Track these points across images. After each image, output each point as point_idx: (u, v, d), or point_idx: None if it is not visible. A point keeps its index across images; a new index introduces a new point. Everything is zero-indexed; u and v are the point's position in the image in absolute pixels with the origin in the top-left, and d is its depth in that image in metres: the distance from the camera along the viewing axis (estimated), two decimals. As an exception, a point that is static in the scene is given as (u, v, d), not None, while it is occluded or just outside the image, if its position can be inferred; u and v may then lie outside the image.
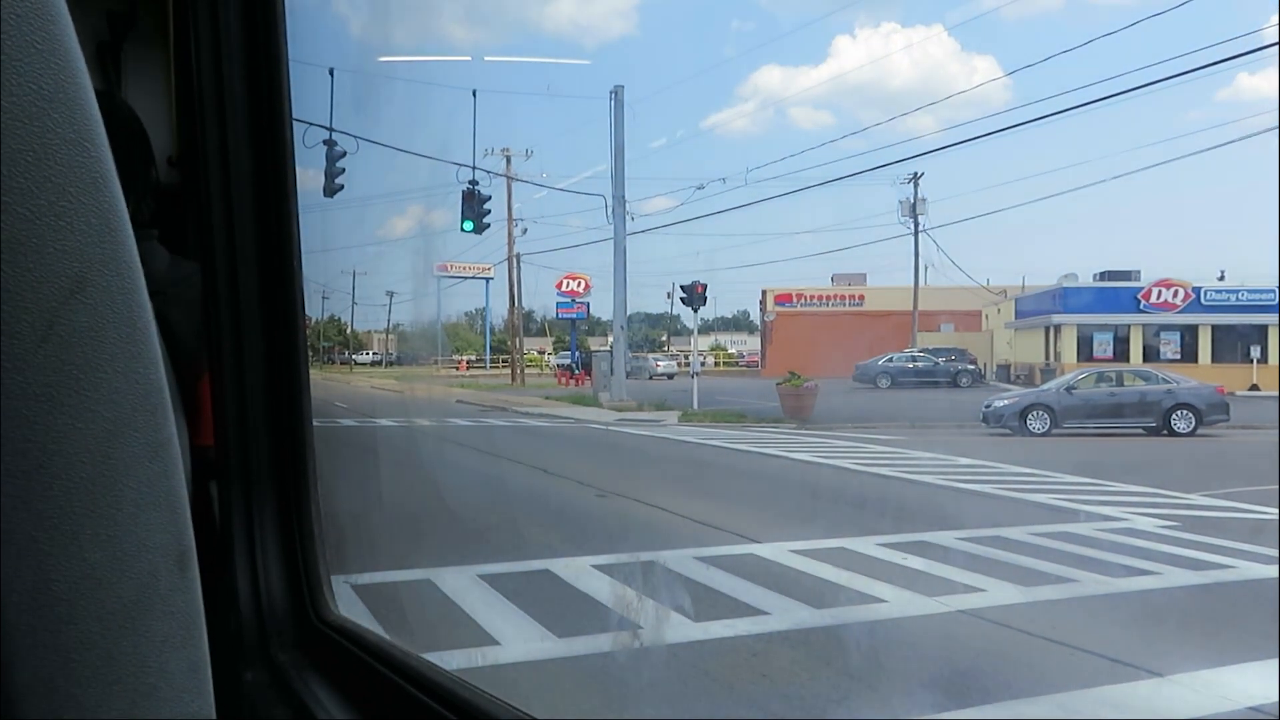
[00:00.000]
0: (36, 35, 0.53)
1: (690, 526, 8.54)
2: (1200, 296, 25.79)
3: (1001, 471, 12.03)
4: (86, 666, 0.57)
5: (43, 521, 0.55)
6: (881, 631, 5.36)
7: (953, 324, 37.54)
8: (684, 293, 23.66)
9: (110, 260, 0.57)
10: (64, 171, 0.54)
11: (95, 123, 0.57)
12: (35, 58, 0.53)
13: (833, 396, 21.64)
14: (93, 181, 0.56)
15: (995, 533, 8.12)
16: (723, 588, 6.23)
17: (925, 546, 7.55)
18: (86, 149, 0.56)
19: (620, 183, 22.73)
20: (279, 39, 1.44)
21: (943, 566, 6.86)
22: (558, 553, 7.44)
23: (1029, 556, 7.26)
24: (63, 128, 0.55)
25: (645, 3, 69.30)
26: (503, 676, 4.71)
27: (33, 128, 0.53)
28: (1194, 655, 5.05)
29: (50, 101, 0.54)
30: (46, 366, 0.54)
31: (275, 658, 1.42)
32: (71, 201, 0.55)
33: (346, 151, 13.90)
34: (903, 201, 34.42)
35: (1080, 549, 7.56)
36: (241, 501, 1.46)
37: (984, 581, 6.39)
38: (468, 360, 51.38)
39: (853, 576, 6.54)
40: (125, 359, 0.58)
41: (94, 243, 0.56)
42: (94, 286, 0.56)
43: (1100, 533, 8.25)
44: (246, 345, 1.45)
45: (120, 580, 0.58)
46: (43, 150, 0.54)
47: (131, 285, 0.59)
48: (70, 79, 0.55)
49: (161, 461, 0.60)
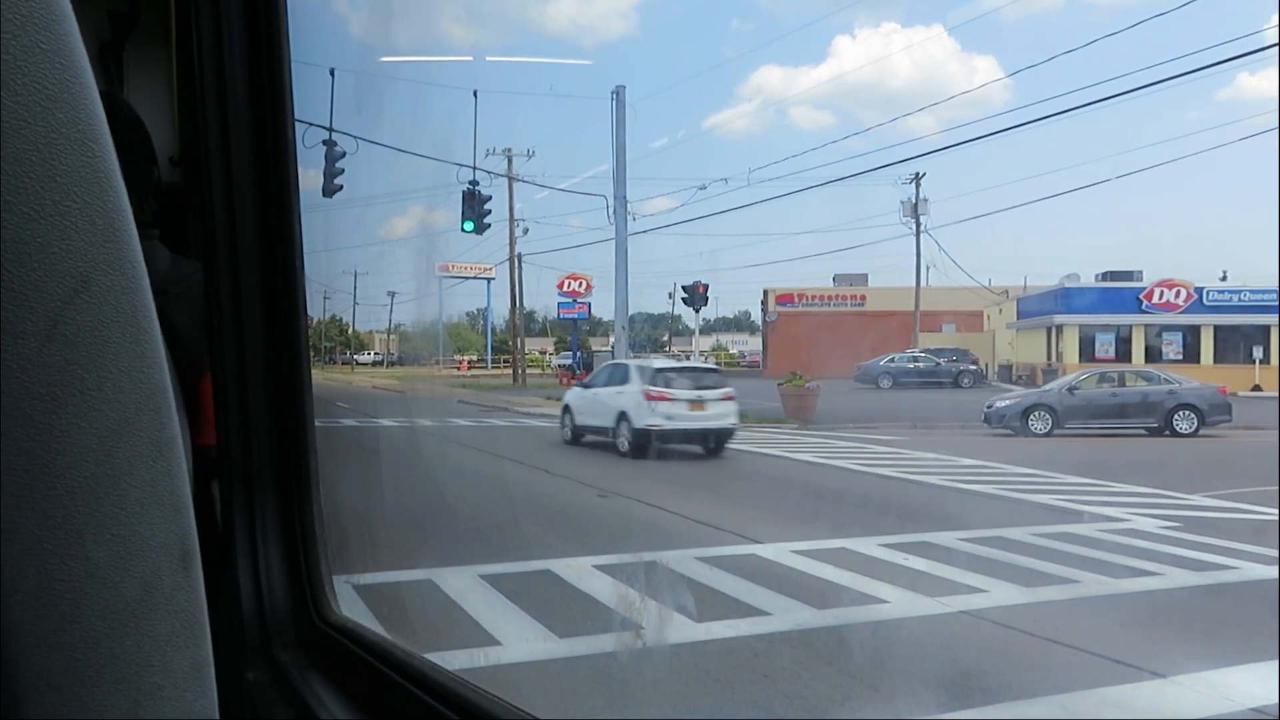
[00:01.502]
0: (40, 35, 0.53)
1: (691, 527, 8.53)
2: (1203, 297, 25.74)
3: (1003, 472, 12.02)
4: (90, 665, 0.57)
5: (46, 520, 0.55)
6: (884, 632, 5.35)
7: (954, 324, 37.50)
8: (685, 293, 23.68)
9: (114, 260, 0.57)
10: (68, 171, 0.54)
11: (99, 122, 0.57)
12: (39, 57, 0.53)
13: (835, 397, 21.60)
14: (96, 181, 0.56)
15: (997, 533, 8.11)
16: (724, 588, 6.22)
17: (928, 547, 7.54)
18: (91, 148, 0.56)
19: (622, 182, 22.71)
20: (281, 39, 1.44)
21: (945, 567, 6.86)
22: (559, 553, 7.44)
23: (1031, 557, 7.25)
24: (67, 127, 0.55)
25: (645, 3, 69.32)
26: (504, 677, 4.71)
27: (37, 127, 0.53)
28: (1197, 656, 5.04)
29: (54, 101, 0.54)
30: (50, 366, 0.54)
31: (277, 657, 1.43)
32: (75, 201, 0.55)
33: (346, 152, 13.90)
34: (904, 202, 34.41)
35: (1083, 550, 7.55)
36: (243, 501, 1.46)
37: (986, 582, 6.38)
38: (469, 360, 51.37)
39: (855, 577, 6.53)
40: (129, 358, 0.58)
41: (98, 242, 0.56)
42: (98, 286, 0.56)
43: (1102, 533, 8.24)
44: (248, 345, 1.45)
45: (124, 579, 0.58)
46: (47, 150, 0.54)
47: (135, 285, 0.59)
48: (74, 79, 0.55)
49: (165, 461, 0.60)
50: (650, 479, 12.12)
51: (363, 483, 9.88)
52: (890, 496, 10.67)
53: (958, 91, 62.32)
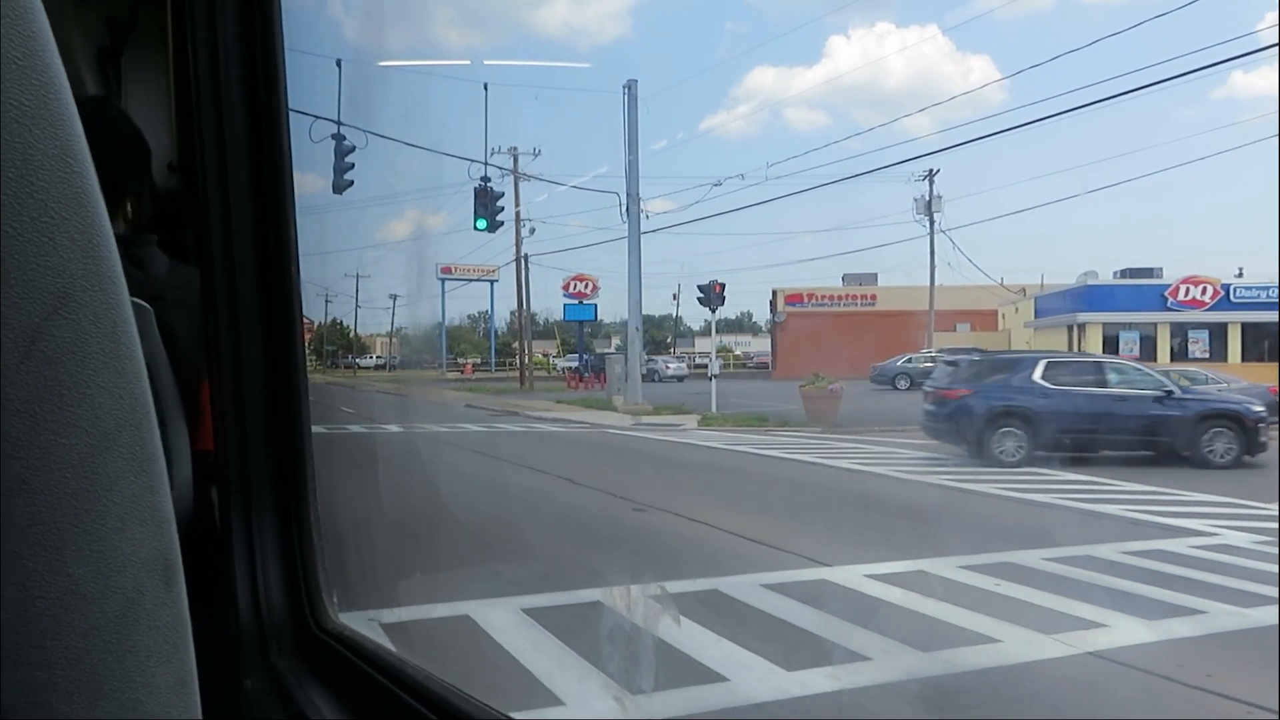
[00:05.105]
0: (17, 51, 0.52)
1: (744, 546, 7.77)
2: (1229, 293, 25.19)
3: (1057, 479, 11.30)
4: (71, 682, 0.56)
5: (26, 538, 0.53)
6: (1014, 682, 4.57)
7: (969, 324, 36.85)
8: (701, 292, 22.96)
9: (93, 275, 0.56)
10: (46, 188, 0.53)
11: (78, 138, 0.56)
12: (15, 73, 0.52)
13: (854, 398, 20.96)
14: (75, 197, 0.55)
15: (1083, 551, 7.36)
16: (806, 624, 5.46)
17: (1013, 569, 6.79)
18: (69, 164, 0.55)
19: (634, 179, 22.05)
20: (276, 44, 1.42)
21: (1043, 594, 6.10)
22: (604, 579, 6.69)
23: (1133, 581, 6.50)
24: (44, 144, 0.53)
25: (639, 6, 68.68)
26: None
27: (14, 144, 0.52)
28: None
29: (32, 118, 0.52)
30: (29, 383, 0.53)
31: (274, 664, 1.42)
32: (54, 218, 0.53)
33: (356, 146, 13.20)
34: (917, 199, 33.75)
35: (1184, 570, 6.81)
36: (241, 507, 1.45)
37: (1100, 614, 5.62)
38: (473, 363, 50.82)
39: (946, 608, 5.78)
40: (109, 374, 0.56)
41: (76, 258, 0.55)
42: (76, 302, 0.55)
43: (1196, 550, 7.50)
44: (245, 350, 1.44)
45: (105, 595, 0.56)
46: (24, 166, 0.52)
47: (115, 300, 0.57)
48: (52, 95, 0.54)
49: (147, 476, 0.59)
50: (684, 490, 11.35)
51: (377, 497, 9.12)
52: (946, 507, 9.94)
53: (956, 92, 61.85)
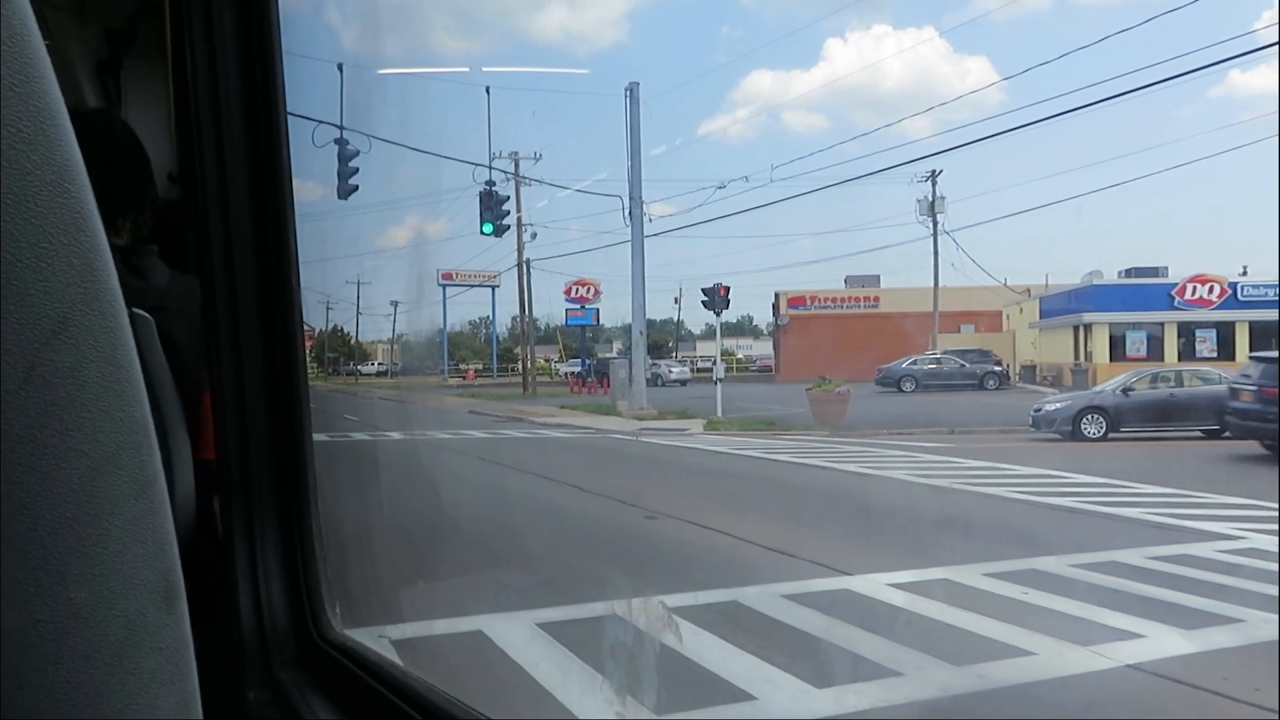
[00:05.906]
0: (15, 79, 0.53)
1: (760, 554, 7.59)
2: (1236, 292, 25.02)
3: (1073, 482, 11.11)
4: (74, 706, 0.56)
5: (27, 562, 0.53)
6: (1056, 698, 4.38)
7: (974, 325, 36.65)
8: (705, 295, 22.78)
9: (92, 300, 0.56)
10: (44, 213, 0.54)
11: (75, 162, 0.56)
12: (13, 101, 0.53)
13: (860, 401, 20.78)
14: (74, 222, 0.55)
15: (1108, 557, 7.17)
16: (831, 636, 5.28)
17: (1039, 576, 6.60)
18: (67, 189, 0.55)
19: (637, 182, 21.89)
20: (274, 52, 1.42)
21: (1072, 603, 5.92)
22: (619, 590, 6.51)
23: (1161, 587, 6.32)
24: (42, 169, 0.54)
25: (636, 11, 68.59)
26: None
27: (12, 170, 0.52)
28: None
29: (29, 144, 0.53)
30: (28, 408, 0.53)
31: (277, 675, 1.41)
32: (52, 243, 0.54)
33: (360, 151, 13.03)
34: (920, 200, 33.57)
35: (1215, 576, 6.62)
36: (243, 516, 1.44)
37: (1134, 623, 5.43)
38: (475, 369, 50.64)
39: (974, 618, 5.60)
40: (109, 397, 0.57)
41: (75, 283, 0.55)
42: (75, 326, 0.55)
43: (1225, 555, 7.31)
44: (245, 359, 1.44)
45: (107, 619, 0.57)
46: (22, 193, 0.53)
47: (114, 324, 0.58)
48: (49, 121, 0.55)
49: (147, 498, 0.59)
50: (695, 497, 11.16)
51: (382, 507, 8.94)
52: (962, 512, 9.75)
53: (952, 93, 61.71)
